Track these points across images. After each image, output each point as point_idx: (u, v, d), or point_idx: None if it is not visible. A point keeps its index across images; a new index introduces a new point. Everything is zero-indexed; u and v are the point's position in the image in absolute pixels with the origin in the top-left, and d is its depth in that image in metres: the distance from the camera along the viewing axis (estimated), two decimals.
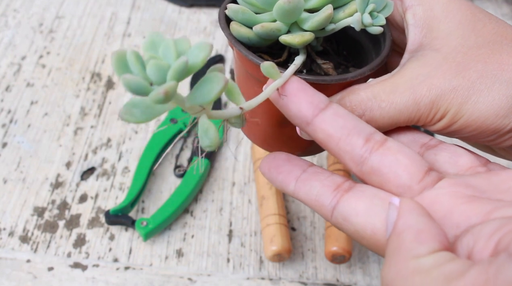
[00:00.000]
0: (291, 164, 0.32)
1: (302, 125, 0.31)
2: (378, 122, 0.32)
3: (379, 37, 0.37)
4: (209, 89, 0.28)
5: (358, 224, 0.29)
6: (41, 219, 0.52)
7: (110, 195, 0.55)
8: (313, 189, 0.31)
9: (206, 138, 0.28)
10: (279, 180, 0.32)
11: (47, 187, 0.55)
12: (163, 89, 0.25)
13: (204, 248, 0.52)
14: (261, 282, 0.50)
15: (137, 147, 0.59)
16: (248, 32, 0.33)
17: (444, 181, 0.29)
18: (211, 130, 0.28)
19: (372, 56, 0.38)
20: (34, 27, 0.70)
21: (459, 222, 0.27)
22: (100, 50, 0.68)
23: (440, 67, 0.32)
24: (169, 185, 0.56)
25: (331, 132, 0.30)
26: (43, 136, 0.59)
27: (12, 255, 0.50)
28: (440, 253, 0.25)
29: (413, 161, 0.29)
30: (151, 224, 0.51)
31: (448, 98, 0.32)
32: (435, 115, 0.32)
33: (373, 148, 0.30)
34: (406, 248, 0.26)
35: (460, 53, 0.33)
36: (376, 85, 0.33)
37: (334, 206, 0.30)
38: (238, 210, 0.55)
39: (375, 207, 0.29)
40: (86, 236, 0.52)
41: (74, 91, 0.63)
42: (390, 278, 0.25)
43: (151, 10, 0.74)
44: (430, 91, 0.32)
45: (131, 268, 0.50)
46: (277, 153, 0.33)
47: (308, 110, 0.30)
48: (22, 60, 0.66)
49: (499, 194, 0.28)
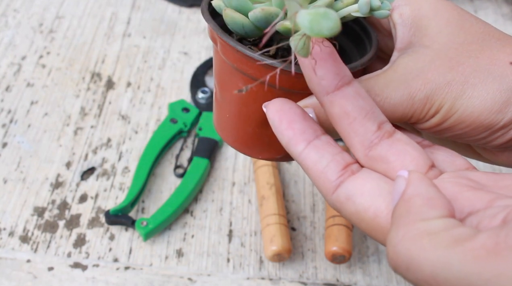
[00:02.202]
0: (306, 124, 0.30)
1: (321, 93, 0.29)
2: None
3: (363, 37, 0.37)
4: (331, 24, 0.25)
5: (361, 204, 0.28)
6: (41, 219, 0.52)
7: (110, 195, 0.55)
8: (323, 160, 0.29)
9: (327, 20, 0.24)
10: (288, 136, 0.30)
11: (47, 187, 0.55)
12: None
13: (204, 248, 0.52)
14: (261, 282, 0.50)
15: (137, 147, 0.59)
16: (243, 19, 0.32)
17: (446, 174, 0.29)
18: (332, 12, 0.25)
19: (356, 57, 0.37)
20: (34, 27, 0.70)
21: (463, 207, 0.27)
22: (100, 50, 0.68)
23: (433, 62, 0.32)
24: (169, 185, 0.56)
25: (349, 110, 0.29)
26: (43, 136, 0.59)
27: (12, 255, 0.50)
28: (448, 218, 0.25)
29: (420, 154, 0.29)
30: (151, 224, 0.51)
31: (442, 93, 0.32)
32: (429, 111, 0.32)
33: (384, 135, 0.29)
34: (415, 212, 0.25)
35: (451, 49, 0.33)
36: (369, 80, 0.33)
37: (338, 184, 0.29)
38: (238, 210, 0.55)
39: (381, 190, 0.28)
40: (86, 236, 0.52)
41: (74, 91, 0.63)
42: (397, 240, 0.25)
43: (151, 10, 0.74)
44: (425, 86, 0.32)
45: (131, 268, 0.50)
46: (290, 102, 0.31)
47: (333, 80, 0.29)
48: (22, 60, 0.66)
49: (498, 189, 0.28)
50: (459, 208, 0.27)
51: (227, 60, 0.34)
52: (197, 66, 0.67)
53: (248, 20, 0.32)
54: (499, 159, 0.36)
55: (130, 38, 0.70)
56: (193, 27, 0.72)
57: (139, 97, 0.63)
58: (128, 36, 0.70)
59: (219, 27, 0.33)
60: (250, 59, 0.32)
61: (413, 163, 0.29)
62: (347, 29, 0.36)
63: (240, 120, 0.35)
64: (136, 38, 0.70)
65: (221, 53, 0.34)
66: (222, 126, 0.37)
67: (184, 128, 0.59)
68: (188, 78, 0.65)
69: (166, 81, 0.65)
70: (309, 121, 0.30)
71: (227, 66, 0.34)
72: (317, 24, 0.24)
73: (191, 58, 0.68)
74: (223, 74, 0.35)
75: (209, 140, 0.58)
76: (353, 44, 0.38)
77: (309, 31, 0.25)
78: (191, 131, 0.60)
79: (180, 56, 0.68)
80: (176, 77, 0.66)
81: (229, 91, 0.34)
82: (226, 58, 0.34)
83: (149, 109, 0.62)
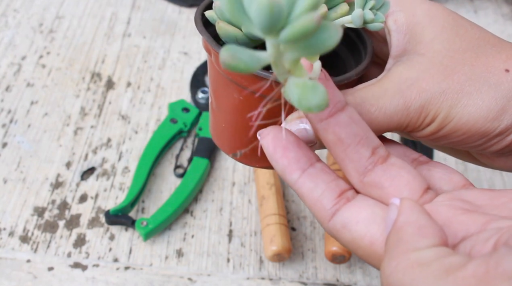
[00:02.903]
0: (300, 152, 0.30)
1: (314, 120, 0.29)
2: None
3: (358, 45, 0.37)
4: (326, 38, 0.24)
5: (356, 232, 0.28)
6: (41, 219, 0.52)
7: (110, 195, 0.55)
8: (318, 188, 0.29)
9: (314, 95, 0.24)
10: (283, 164, 0.30)
11: (47, 187, 0.55)
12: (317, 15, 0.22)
13: (204, 248, 0.52)
14: (261, 282, 0.50)
15: (137, 147, 0.59)
16: (236, 32, 0.32)
17: (441, 196, 0.29)
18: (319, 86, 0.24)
19: (352, 64, 0.37)
20: (34, 27, 0.70)
21: (457, 231, 0.27)
22: (100, 50, 0.68)
23: (427, 71, 0.32)
24: (169, 185, 0.56)
25: (343, 137, 0.29)
26: (43, 136, 0.59)
27: (12, 255, 0.50)
28: (440, 247, 0.25)
29: (414, 178, 0.29)
30: (151, 224, 0.51)
31: (438, 102, 0.31)
32: (424, 120, 0.32)
33: (378, 161, 0.29)
34: (406, 241, 0.25)
35: (446, 56, 0.32)
36: (363, 90, 0.32)
37: (334, 212, 0.29)
38: (238, 210, 0.55)
39: (376, 217, 0.28)
40: (86, 236, 0.52)
41: (74, 91, 0.63)
42: (390, 271, 0.25)
43: (151, 10, 0.74)
44: (420, 95, 0.31)
45: (131, 268, 0.50)
46: (286, 131, 0.30)
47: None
48: (22, 60, 0.66)
49: (494, 209, 0.28)
50: (453, 232, 0.27)
51: (221, 72, 0.33)
52: (197, 66, 0.67)
53: (241, 33, 0.32)
54: (495, 164, 0.36)
55: (130, 38, 0.70)
56: (193, 27, 0.72)
57: (139, 97, 0.63)
58: (128, 36, 0.70)
59: (213, 39, 0.33)
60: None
61: (408, 187, 0.29)
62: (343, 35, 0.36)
63: (236, 130, 0.35)
64: (136, 38, 0.70)
65: (216, 65, 0.34)
66: (218, 135, 0.37)
67: (184, 128, 0.59)
68: (188, 78, 0.65)
69: (166, 81, 0.65)
70: (303, 149, 0.30)
71: (222, 77, 0.34)
72: (305, 100, 0.25)
73: (191, 58, 0.68)
74: (218, 84, 0.35)
75: (209, 140, 0.58)
76: (348, 50, 0.38)
77: (298, 105, 0.25)
78: (191, 131, 0.60)
79: (180, 56, 0.68)
80: (176, 77, 0.66)
81: (224, 101, 0.34)
82: (221, 69, 0.33)
83: (149, 109, 0.62)
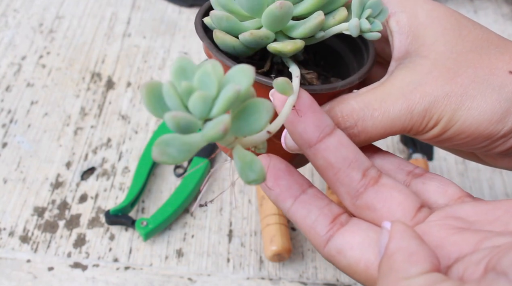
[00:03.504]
0: (292, 179, 0.31)
1: (303, 146, 0.30)
2: (370, 133, 0.32)
3: (360, 46, 0.36)
4: (256, 119, 0.25)
5: (352, 257, 0.29)
6: (41, 219, 0.52)
7: (110, 195, 0.55)
8: (311, 215, 0.30)
9: (251, 172, 0.25)
10: (276, 193, 0.31)
11: (47, 187, 0.55)
12: (223, 125, 0.22)
13: (204, 248, 0.52)
14: (261, 282, 0.50)
15: (137, 147, 0.59)
16: (233, 41, 0.32)
17: (434, 215, 0.29)
18: (256, 163, 0.25)
19: (354, 66, 0.37)
20: (34, 27, 0.70)
21: (450, 252, 0.27)
22: (100, 50, 0.68)
23: (430, 74, 0.32)
24: (169, 185, 0.56)
25: (333, 162, 0.29)
26: (43, 136, 0.59)
27: (12, 255, 0.50)
28: (431, 274, 0.25)
29: (407, 197, 0.29)
30: (151, 224, 0.51)
31: (441, 105, 0.31)
32: (428, 123, 0.32)
33: (369, 183, 0.29)
34: (397, 269, 0.25)
35: (449, 59, 0.32)
36: (367, 94, 0.32)
37: (328, 238, 0.29)
38: (238, 210, 0.55)
39: (370, 241, 0.29)
40: (86, 236, 0.52)
41: (74, 91, 0.63)
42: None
43: (151, 10, 0.74)
44: (423, 99, 0.31)
45: (131, 268, 0.50)
46: (276, 159, 0.31)
47: (314, 133, 0.29)
48: (22, 60, 0.66)
49: (488, 224, 0.28)
50: (446, 254, 0.27)
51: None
52: None
53: (238, 42, 0.32)
54: (499, 164, 0.36)
55: (130, 38, 0.70)
56: (193, 27, 0.72)
57: (139, 97, 0.63)
58: (128, 36, 0.70)
59: (214, 45, 0.32)
60: None
61: (400, 207, 0.29)
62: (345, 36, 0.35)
63: None
64: (136, 38, 0.70)
65: None
66: None
67: None
68: None
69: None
70: (294, 176, 0.31)
71: None
72: (244, 174, 0.25)
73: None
74: None
75: None
76: (350, 51, 0.37)
77: (240, 176, 0.26)
78: None
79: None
80: None
81: None
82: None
83: None
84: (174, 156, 0.24)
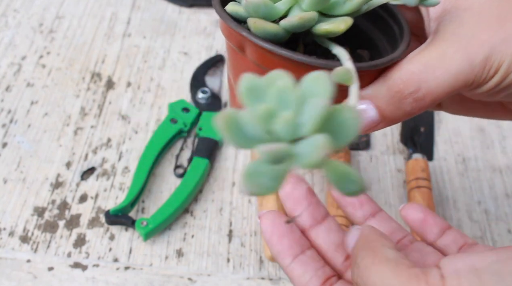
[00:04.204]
0: (294, 238, 0.34)
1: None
2: (436, 93, 0.31)
3: (389, 22, 0.35)
4: (344, 135, 0.24)
5: None
6: (41, 219, 0.52)
7: (110, 195, 0.55)
8: (306, 274, 0.33)
9: (350, 183, 0.24)
10: (278, 249, 0.34)
11: (47, 187, 0.55)
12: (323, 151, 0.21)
13: (204, 248, 0.52)
14: (261, 282, 0.50)
15: (137, 147, 0.59)
16: (275, 28, 0.30)
17: None
18: (353, 173, 0.24)
19: (384, 44, 0.36)
20: (34, 27, 0.70)
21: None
22: (100, 50, 0.68)
23: (480, 23, 0.32)
24: (169, 185, 0.56)
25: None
26: (43, 136, 0.59)
27: (12, 255, 0.50)
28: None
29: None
30: (151, 224, 0.51)
31: (500, 51, 0.31)
32: (489, 72, 0.31)
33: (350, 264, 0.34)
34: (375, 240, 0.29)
35: (493, 6, 0.32)
36: (420, 56, 0.31)
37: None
38: (238, 210, 0.55)
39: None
40: (86, 236, 0.52)
41: (74, 91, 0.63)
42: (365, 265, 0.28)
43: (151, 10, 0.74)
44: (482, 48, 0.31)
45: (131, 268, 0.50)
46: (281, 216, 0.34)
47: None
48: (22, 60, 0.66)
49: None
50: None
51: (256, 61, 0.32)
52: (197, 66, 0.66)
53: (281, 28, 0.30)
54: None
55: (130, 38, 0.70)
56: (193, 27, 0.72)
57: (139, 97, 0.63)
58: (128, 36, 0.70)
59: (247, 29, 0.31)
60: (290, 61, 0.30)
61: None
62: (373, 17, 0.34)
63: None
64: (136, 38, 0.70)
65: (249, 54, 0.32)
66: None
67: (184, 128, 0.59)
68: (188, 78, 0.65)
69: (166, 81, 0.65)
70: (296, 236, 0.34)
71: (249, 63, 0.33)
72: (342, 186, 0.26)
73: (191, 58, 0.68)
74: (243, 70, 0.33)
75: (209, 140, 0.58)
76: (380, 32, 0.36)
77: (338, 188, 0.26)
78: (191, 131, 0.60)
79: (180, 56, 0.68)
80: (176, 77, 0.66)
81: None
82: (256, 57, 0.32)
83: (149, 109, 0.62)
84: (267, 185, 0.23)
